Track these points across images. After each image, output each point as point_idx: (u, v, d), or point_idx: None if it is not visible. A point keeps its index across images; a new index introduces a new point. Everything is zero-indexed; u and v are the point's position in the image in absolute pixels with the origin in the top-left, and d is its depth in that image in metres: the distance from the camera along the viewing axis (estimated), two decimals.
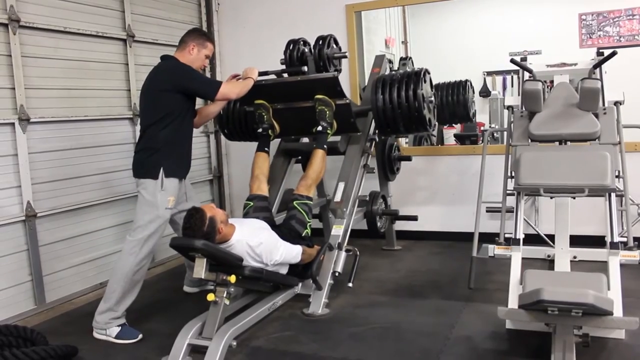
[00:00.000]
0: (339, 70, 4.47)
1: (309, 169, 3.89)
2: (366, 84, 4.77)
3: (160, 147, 3.33)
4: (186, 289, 4.08)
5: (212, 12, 5.59)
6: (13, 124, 3.68)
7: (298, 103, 4.01)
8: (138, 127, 4.47)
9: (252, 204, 3.76)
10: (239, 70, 3.88)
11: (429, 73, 3.97)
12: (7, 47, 3.66)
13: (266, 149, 4.03)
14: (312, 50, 4.35)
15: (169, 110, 3.34)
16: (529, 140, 3.53)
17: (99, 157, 4.29)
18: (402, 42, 6.52)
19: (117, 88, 4.51)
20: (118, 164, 4.40)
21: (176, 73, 3.37)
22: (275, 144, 4.38)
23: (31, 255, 3.77)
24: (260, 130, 4.06)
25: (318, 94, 3.90)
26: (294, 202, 3.72)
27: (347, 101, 3.94)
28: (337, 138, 4.20)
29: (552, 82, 3.93)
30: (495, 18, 6.14)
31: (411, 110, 3.80)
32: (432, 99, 3.97)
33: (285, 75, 4.23)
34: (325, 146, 3.92)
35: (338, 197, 3.91)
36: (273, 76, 4.17)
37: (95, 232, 4.27)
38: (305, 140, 4.58)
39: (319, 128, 3.91)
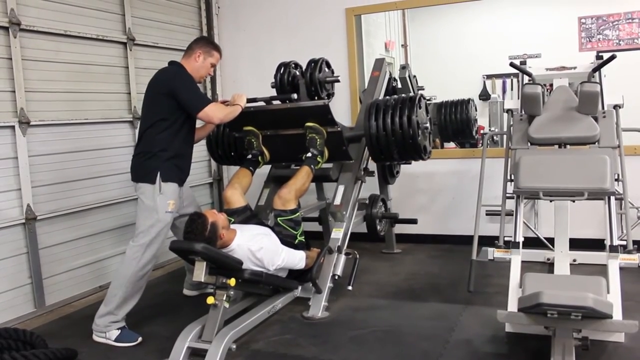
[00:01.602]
0: (332, 94, 4.41)
1: (292, 179, 3.74)
2: (366, 87, 4.77)
3: (156, 152, 3.32)
4: (186, 292, 4.08)
5: (212, 16, 5.60)
6: (13, 127, 3.68)
7: (288, 130, 3.94)
8: (138, 131, 4.49)
9: (233, 220, 3.59)
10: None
11: (424, 98, 3.87)
12: (8, 50, 3.66)
13: (251, 168, 3.94)
14: (304, 74, 4.27)
15: (165, 114, 3.33)
16: (529, 144, 3.54)
17: (99, 160, 4.30)
18: (402, 45, 6.53)
19: (117, 91, 4.52)
20: (118, 167, 4.40)
21: (172, 79, 3.36)
22: (266, 170, 4.36)
23: (31, 258, 3.77)
24: (249, 156, 3.99)
25: (309, 122, 3.82)
26: (278, 219, 3.63)
27: (339, 129, 3.85)
28: (330, 165, 4.12)
29: (551, 85, 3.95)
30: (494, 21, 6.14)
31: (405, 138, 3.68)
32: (428, 125, 3.84)
33: (276, 101, 4.14)
34: (313, 166, 3.80)
35: (338, 201, 3.91)
36: (262, 103, 4.06)
37: (95, 235, 4.28)
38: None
39: (308, 154, 3.82)
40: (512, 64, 3.85)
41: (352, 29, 5.20)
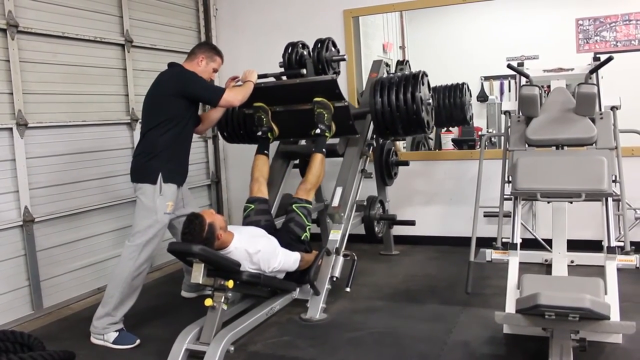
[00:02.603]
0: (338, 73, 4.49)
1: (308, 173, 3.89)
2: (364, 89, 4.78)
3: (159, 152, 3.33)
4: (184, 294, 4.08)
5: (210, 18, 5.61)
6: (11, 129, 3.68)
7: (297, 106, 4.02)
8: (136, 132, 4.51)
9: (253, 206, 3.75)
10: (238, 73, 3.89)
11: (426, 75, 3.99)
12: (6, 52, 3.66)
13: (265, 151, 4.04)
14: (311, 53, 4.37)
15: (170, 116, 3.35)
16: (526, 145, 3.54)
17: (97, 162, 4.29)
18: (400, 47, 6.53)
19: (115, 93, 4.52)
20: (116, 168, 4.40)
21: (180, 78, 3.40)
22: (273, 146, 4.39)
23: (28, 261, 3.77)
24: (259, 133, 4.08)
25: (317, 97, 3.91)
26: (293, 205, 3.72)
27: (346, 104, 3.95)
28: (336, 140, 4.21)
29: (549, 87, 3.95)
30: (492, 23, 6.15)
31: (409, 113, 3.82)
32: (430, 101, 4.00)
33: (284, 78, 4.24)
34: (324, 150, 3.93)
35: (336, 202, 3.91)
36: (272, 79, 4.18)
37: (93, 237, 4.27)
38: (304, 142, 4.59)
39: (317, 131, 3.92)
40: (509, 66, 3.86)
41: (349, 30, 5.21)
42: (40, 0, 3.90)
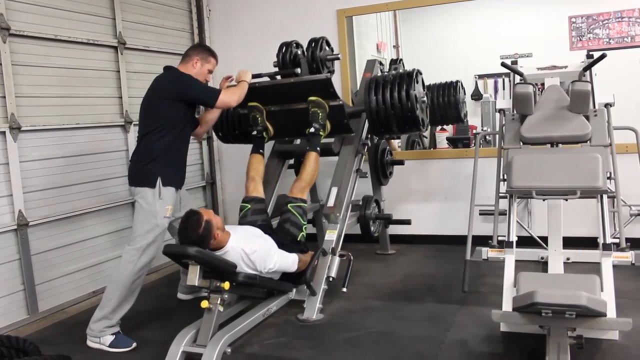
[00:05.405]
0: (332, 72, 4.49)
1: (302, 171, 3.90)
2: (358, 88, 4.78)
3: (157, 156, 3.34)
4: (180, 296, 4.07)
5: (203, 19, 5.59)
6: (4, 132, 3.66)
7: (291, 105, 4.03)
8: (130, 135, 4.50)
9: (249, 206, 3.76)
10: (232, 74, 3.90)
11: (421, 73, 4.02)
12: None
13: (261, 150, 4.05)
14: (305, 53, 4.37)
15: (168, 119, 3.36)
16: (521, 143, 3.54)
17: (91, 164, 4.27)
18: (394, 46, 6.54)
19: (108, 95, 4.50)
20: (110, 171, 4.39)
21: (177, 81, 3.40)
22: (269, 145, 4.39)
23: (23, 264, 3.75)
24: (254, 132, 4.08)
25: (311, 96, 3.92)
26: (288, 205, 3.73)
27: (341, 102, 3.96)
28: (332, 139, 4.22)
29: (542, 84, 3.95)
30: (486, 21, 6.16)
31: (404, 111, 3.85)
32: (425, 99, 4.03)
33: (279, 77, 4.24)
34: (318, 148, 3.93)
35: (331, 202, 3.91)
36: (266, 78, 4.18)
37: (87, 240, 4.25)
38: (299, 141, 4.58)
39: (312, 130, 3.92)
40: (503, 64, 3.86)
41: (343, 30, 5.20)
42: (32, 3, 3.88)
